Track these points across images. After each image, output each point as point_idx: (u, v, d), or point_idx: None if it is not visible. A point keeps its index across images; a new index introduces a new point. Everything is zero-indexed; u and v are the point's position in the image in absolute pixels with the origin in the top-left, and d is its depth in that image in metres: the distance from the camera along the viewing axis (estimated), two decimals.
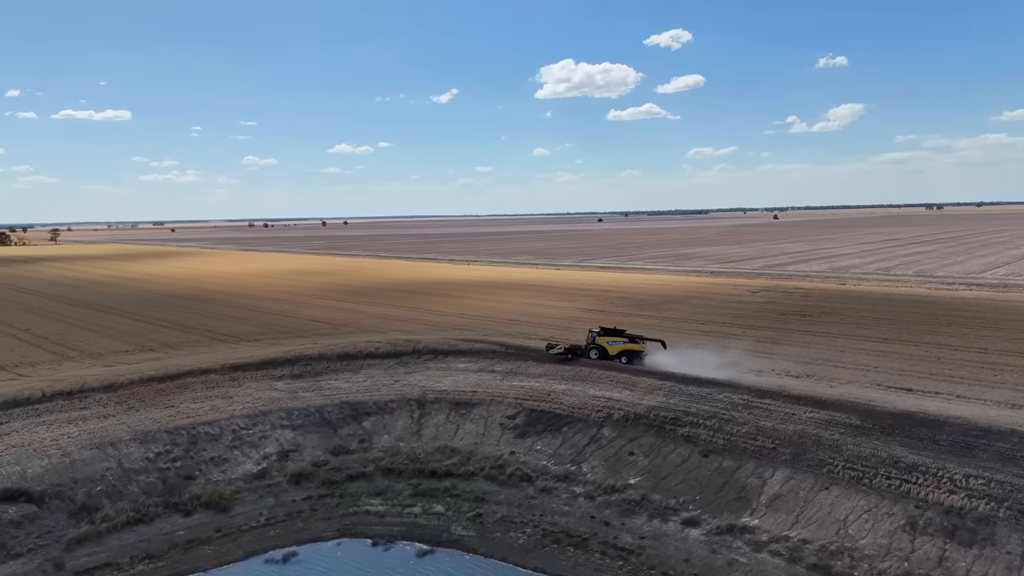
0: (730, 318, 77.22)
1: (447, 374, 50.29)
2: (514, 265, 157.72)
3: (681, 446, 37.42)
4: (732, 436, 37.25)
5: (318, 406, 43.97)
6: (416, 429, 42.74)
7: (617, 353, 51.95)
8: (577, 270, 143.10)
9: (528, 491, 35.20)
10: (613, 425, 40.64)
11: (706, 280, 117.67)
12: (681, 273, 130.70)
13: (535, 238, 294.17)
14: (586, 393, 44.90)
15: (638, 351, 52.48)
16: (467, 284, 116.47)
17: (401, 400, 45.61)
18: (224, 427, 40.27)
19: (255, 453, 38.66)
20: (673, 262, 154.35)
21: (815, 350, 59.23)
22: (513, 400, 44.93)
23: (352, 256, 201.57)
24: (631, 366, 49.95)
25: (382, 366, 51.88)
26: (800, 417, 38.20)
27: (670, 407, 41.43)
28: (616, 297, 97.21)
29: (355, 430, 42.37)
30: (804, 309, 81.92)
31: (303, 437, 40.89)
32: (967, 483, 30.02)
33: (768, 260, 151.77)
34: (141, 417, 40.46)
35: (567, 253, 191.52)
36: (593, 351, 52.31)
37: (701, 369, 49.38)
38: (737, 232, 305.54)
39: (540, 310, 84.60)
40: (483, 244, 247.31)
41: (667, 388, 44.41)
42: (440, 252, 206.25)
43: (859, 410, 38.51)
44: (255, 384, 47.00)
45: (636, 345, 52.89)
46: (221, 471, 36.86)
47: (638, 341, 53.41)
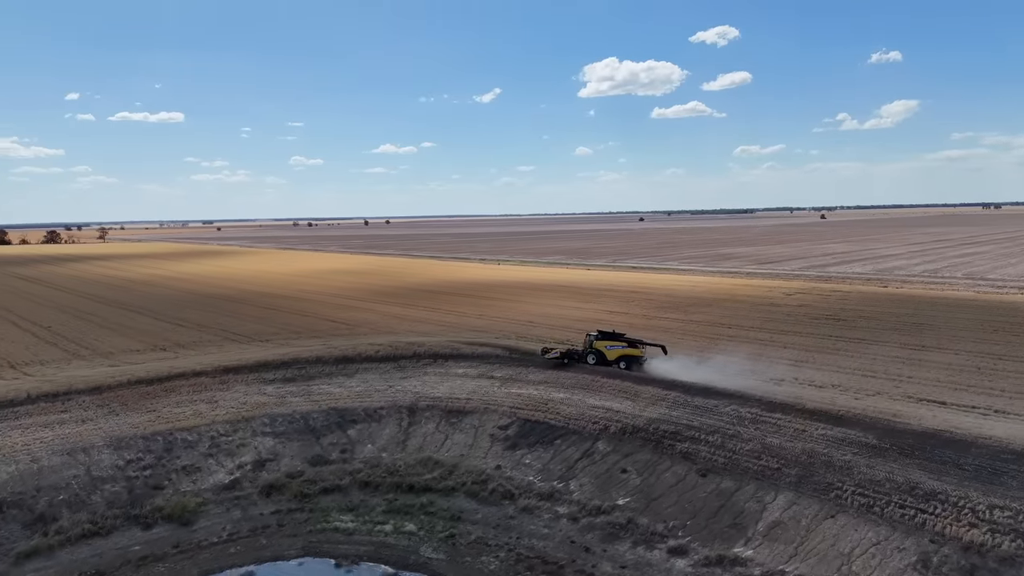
0: (759, 322, 73.52)
1: (444, 379, 48.08)
2: (544, 265, 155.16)
3: (678, 464, 34.48)
4: (734, 454, 34.15)
5: (304, 412, 42.19)
6: (403, 439, 40.64)
7: (616, 358, 49.69)
8: (608, 270, 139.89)
9: (508, 510, 32.72)
10: (609, 439, 37.87)
11: (740, 282, 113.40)
12: (716, 274, 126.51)
13: (571, 238, 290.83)
14: (585, 403, 42.20)
15: (637, 356, 50.02)
16: (492, 285, 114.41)
17: (391, 407, 43.58)
18: (203, 433, 38.76)
19: (230, 462, 37.05)
20: (709, 263, 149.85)
21: (845, 357, 55.49)
22: (508, 409, 42.51)
23: (385, 255, 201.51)
24: (638, 374, 47.02)
25: (379, 370, 49.90)
26: (811, 434, 34.89)
27: (672, 420, 38.46)
28: (642, 299, 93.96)
29: (339, 439, 40.47)
30: (839, 313, 77.65)
31: (283, 445, 39.15)
32: (991, 515, 26.49)
33: (809, 261, 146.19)
34: (119, 422, 39.18)
35: (601, 253, 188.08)
36: (591, 356, 50.10)
37: (715, 377, 46.33)
38: (781, 232, 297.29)
39: (561, 312, 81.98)
40: (517, 244, 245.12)
41: (671, 399, 41.41)
42: (472, 252, 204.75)
43: (878, 427, 35.02)
44: (244, 388, 45.49)
45: (635, 350, 50.42)
46: (191, 481, 35.30)
47: (637, 346, 51.00)
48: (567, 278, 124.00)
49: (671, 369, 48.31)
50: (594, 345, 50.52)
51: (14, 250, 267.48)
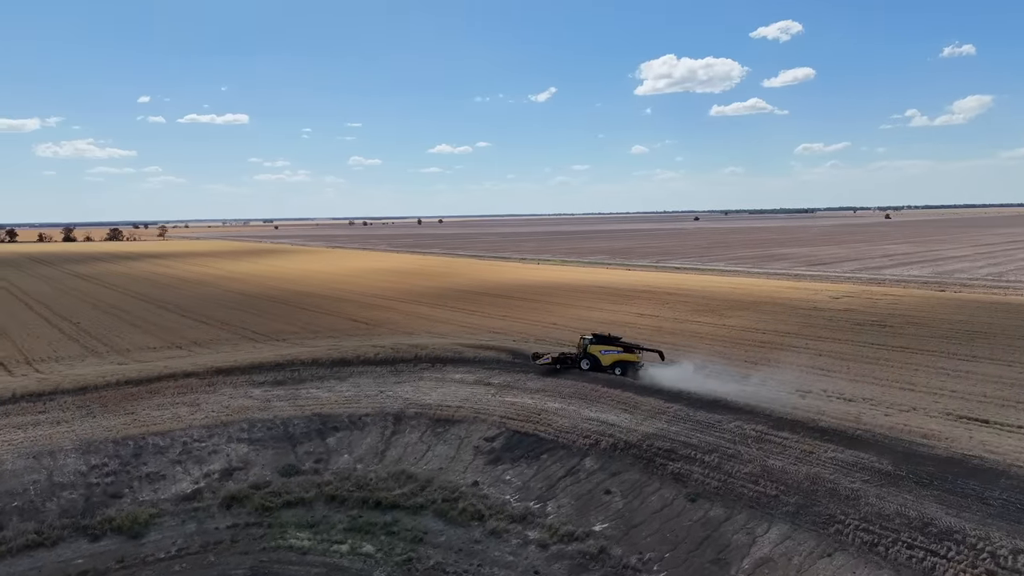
0: (796, 327, 68.96)
1: (439, 385, 45.68)
2: (585, 265, 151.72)
3: (667, 486, 31.19)
4: (730, 477, 30.66)
5: (285, 418, 40.30)
6: (382, 449, 38.35)
7: (611, 363, 47.22)
8: (649, 271, 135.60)
9: (475, 533, 30.01)
10: (598, 455, 34.79)
11: (786, 284, 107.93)
12: (762, 276, 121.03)
13: (619, 237, 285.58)
14: (580, 414, 39.18)
15: (633, 362, 47.45)
16: (524, 285, 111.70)
17: (378, 414, 41.38)
18: (176, 438, 37.27)
19: (197, 470, 35.43)
20: (757, 264, 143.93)
21: (884, 367, 50.99)
22: (498, 419, 39.80)
23: (428, 255, 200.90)
24: (643, 383, 43.66)
25: (373, 374, 47.82)
26: (819, 457, 31.12)
27: (668, 436, 35.12)
28: (678, 301, 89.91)
29: (316, 447, 38.45)
30: (886, 319, 72.30)
31: (256, 453, 37.34)
32: (1014, 562, 22.55)
33: (864, 263, 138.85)
34: (94, 424, 37.99)
35: (646, 253, 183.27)
36: (584, 361, 47.55)
37: (731, 388, 42.83)
38: (840, 232, 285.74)
39: (588, 313, 78.84)
40: (562, 243, 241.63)
41: (672, 412, 38.02)
42: (516, 251, 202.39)
43: (897, 451, 31.02)
44: (231, 391, 43.98)
45: (631, 355, 47.82)
46: (152, 489, 33.74)
47: (634, 351, 48.36)
48: (604, 279, 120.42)
49: (684, 377, 44.98)
50: (588, 349, 48.00)
51: (77, 247, 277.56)
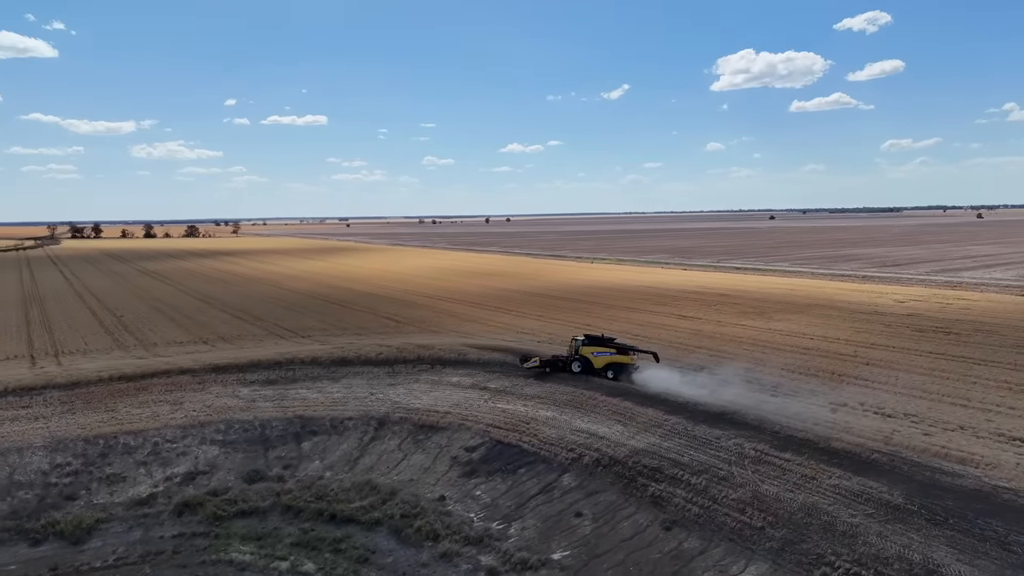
0: (849, 332, 63.40)
1: (433, 388, 43.23)
2: (640, 264, 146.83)
3: (644, 511, 27.68)
4: (715, 503, 26.93)
5: (265, 420, 38.60)
6: (357, 456, 36.10)
7: (603, 366, 44.59)
8: (706, 271, 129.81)
9: (425, 555, 27.26)
10: (579, 472, 31.51)
11: (849, 286, 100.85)
12: (825, 277, 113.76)
13: (685, 236, 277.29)
14: (570, 425, 35.92)
15: (626, 364, 44.75)
16: (569, 285, 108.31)
17: (361, 418, 39.23)
18: (148, 438, 36.03)
19: (161, 472, 34.04)
20: (825, 264, 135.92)
21: (938, 379, 45.66)
22: (484, 427, 37.00)
23: (485, 252, 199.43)
24: (648, 392, 39.88)
25: (369, 375, 45.75)
26: (820, 483, 27.00)
27: (658, 453, 31.53)
28: (728, 303, 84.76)
29: (289, 452, 36.56)
30: (953, 325, 65.70)
31: (226, 456, 35.73)
32: None
33: (942, 264, 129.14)
34: (71, 421, 37.21)
35: (709, 252, 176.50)
36: (576, 363, 45.00)
37: (748, 399, 38.87)
38: (923, 232, 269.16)
39: (628, 315, 74.94)
40: (623, 241, 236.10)
41: (670, 425, 34.30)
42: (572, 250, 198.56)
43: (914, 480, 26.60)
44: (220, 389, 42.69)
45: (624, 357, 45.01)
46: (109, 492, 32.47)
47: (628, 353, 45.38)
48: (654, 279, 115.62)
49: (701, 384, 41.33)
50: (580, 351, 45.33)
51: (154, 243, 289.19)
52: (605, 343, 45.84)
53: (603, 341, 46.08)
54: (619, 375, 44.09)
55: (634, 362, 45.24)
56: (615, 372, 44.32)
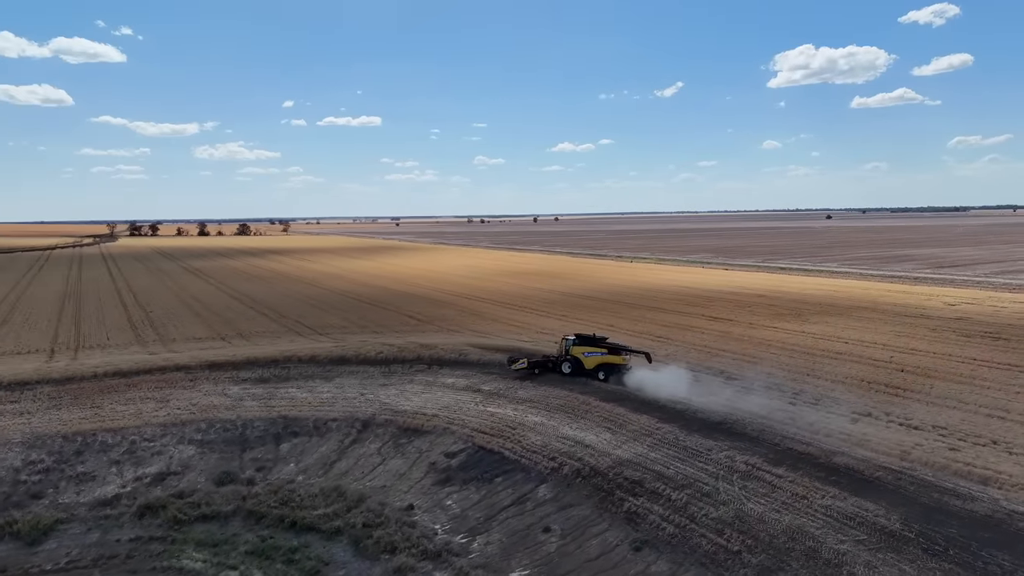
0: (889, 336, 59.49)
1: (426, 390, 41.49)
2: (681, 264, 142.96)
3: (616, 527, 25.30)
4: (692, 522, 24.41)
5: (247, 419, 37.40)
6: (334, 460, 34.56)
7: (594, 367, 42.87)
8: (748, 271, 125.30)
9: (379, 569, 25.28)
10: (557, 483, 29.30)
11: (899, 287, 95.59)
12: (874, 278, 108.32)
13: (734, 235, 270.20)
14: (557, 432, 33.69)
15: (618, 365, 42.89)
16: (604, 284, 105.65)
17: (346, 420, 37.75)
18: (127, 436, 35.24)
19: (132, 472, 33.14)
20: (876, 265, 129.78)
21: (977, 389, 42.08)
22: (469, 432, 35.03)
23: (525, 251, 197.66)
24: (645, 397, 37.39)
25: (364, 374, 44.33)
26: (811, 503, 24.23)
27: (643, 464, 29.10)
28: (764, 304, 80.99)
29: (266, 453, 35.27)
30: (1004, 330, 61.07)
31: (201, 457, 34.64)
32: None
33: (1003, 266, 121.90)
34: (53, 417, 36.71)
35: (754, 252, 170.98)
36: (566, 364, 43.44)
37: (756, 405, 36.32)
38: (988, 232, 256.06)
39: (655, 315, 72.25)
40: (668, 240, 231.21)
41: (661, 434, 31.79)
42: (615, 249, 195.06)
43: (918, 502, 23.64)
44: (210, 387, 41.82)
45: (616, 358, 43.14)
46: (76, 491, 31.63)
47: (621, 353, 43.67)
48: (692, 279, 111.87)
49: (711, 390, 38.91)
50: (571, 351, 43.61)
51: (206, 241, 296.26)
52: (596, 343, 43.92)
53: (594, 341, 44.16)
54: (610, 376, 42.32)
55: (626, 362, 43.33)
56: (606, 373, 42.58)
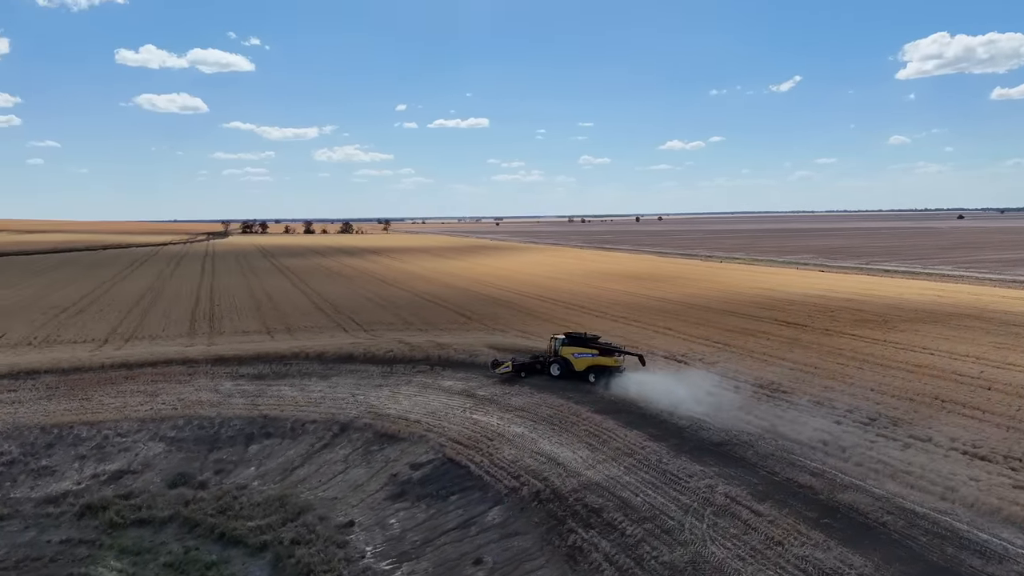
0: (987, 348, 51.82)
1: (419, 392, 38.55)
2: (776, 264, 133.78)
3: (552, 566, 21.09)
4: (638, 565, 19.81)
5: (226, 417, 35.51)
6: (297, 465, 32.06)
7: (584, 369, 39.78)
8: (847, 273, 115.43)
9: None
10: (511, 506, 25.50)
11: (1016, 294, 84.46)
12: (992, 283, 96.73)
13: (842, 235, 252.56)
14: (534, 446, 29.81)
15: (610, 367, 39.52)
16: (677, 287, 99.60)
17: (325, 422, 35.33)
18: (102, 430, 34.24)
19: (92, 468, 31.89)
20: (997, 269, 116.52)
21: None
22: (444, 442, 31.61)
23: (614, 251, 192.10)
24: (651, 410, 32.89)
25: (363, 374, 41.96)
26: (786, 551, 19.23)
27: (611, 489, 24.85)
28: (850, 309, 73.11)
29: (232, 454, 33.30)
30: None
31: (166, 455, 33.09)
32: None
33: None
34: (40, 408, 36.10)
35: (861, 253, 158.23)
36: (555, 365, 40.52)
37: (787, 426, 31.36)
38: None
39: (726, 319, 66.37)
40: (769, 240, 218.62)
41: (644, 454, 27.32)
42: (709, 248, 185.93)
43: (923, 560, 18.39)
44: (205, 382, 40.61)
45: (608, 359, 39.76)
46: (30, 486, 30.50)
47: (613, 355, 40.17)
48: (779, 280, 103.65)
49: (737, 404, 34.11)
50: (560, 352, 40.52)
51: (308, 239, 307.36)
52: (587, 343, 40.31)
53: (585, 340, 40.59)
54: (599, 379, 38.84)
55: (619, 365, 39.80)
56: (597, 375, 39.12)
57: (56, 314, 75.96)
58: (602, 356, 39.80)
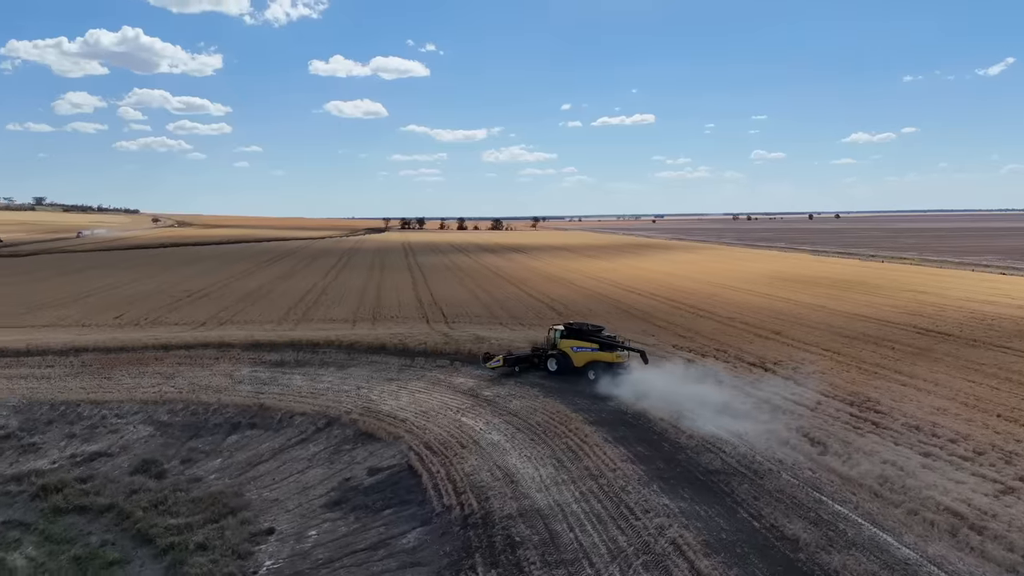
0: None
1: (426, 388, 35.03)
2: (950, 267, 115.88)
3: None
4: None
5: (223, 404, 33.74)
6: (265, 459, 29.14)
7: (584, 364, 36.07)
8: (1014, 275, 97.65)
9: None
10: (435, 528, 20.81)
11: None
12: None
13: None
14: (500, 460, 25.04)
15: (611, 363, 35.60)
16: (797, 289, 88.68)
17: (315, 415, 32.48)
18: (103, 410, 33.62)
19: (73, 448, 30.90)
20: None
21: None
22: (415, 445, 27.57)
23: (764, 249, 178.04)
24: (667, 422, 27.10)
25: (383, 365, 39.36)
26: None
27: (547, 519, 19.69)
28: (982, 317, 60.11)
29: (209, 444, 31.22)
30: None
31: (148, 440, 31.52)
32: None
33: None
34: (61, 385, 36.49)
35: None
36: (551, 359, 36.87)
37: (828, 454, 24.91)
38: None
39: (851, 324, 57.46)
40: (952, 240, 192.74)
41: (610, 479, 21.97)
42: (876, 248, 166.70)
43: None
44: (225, 366, 39.35)
45: (608, 355, 35.78)
46: (9, 463, 29.45)
47: (616, 350, 36.14)
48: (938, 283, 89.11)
49: (811, 428, 27.58)
50: (559, 345, 36.86)
51: (456, 236, 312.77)
52: (588, 335, 36.57)
53: (586, 333, 36.82)
54: (603, 376, 34.86)
55: (622, 361, 35.92)
56: (597, 372, 35.35)
57: (179, 299, 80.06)
58: (603, 351, 35.69)
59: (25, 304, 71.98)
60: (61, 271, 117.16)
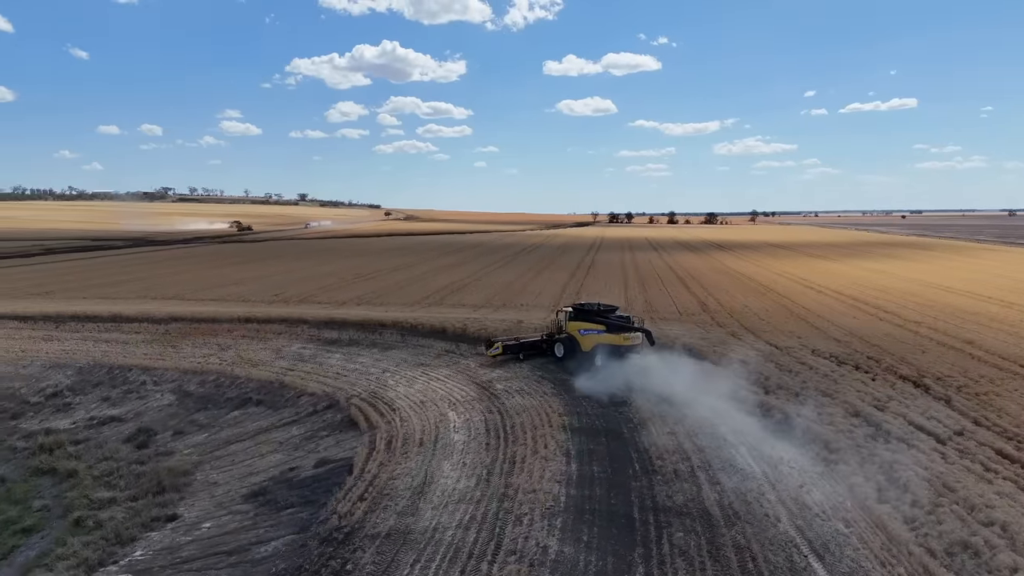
0: None
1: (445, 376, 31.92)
2: None
3: None
4: None
5: (245, 379, 33.22)
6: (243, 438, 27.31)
7: (591, 348, 33.29)
8: None
9: None
10: (309, 537, 17.37)
11: None
12: None
13: None
14: (436, 466, 21.09)
15: (619, 346, 32.46)
16: None
17: (321, 397, 30.37)
18: (144, 376, 34.25)
19: (96, 411, 31.32)
20: None
21: None
22: (379, 439, 24.61)
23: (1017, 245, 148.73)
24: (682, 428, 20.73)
25: (425, 349, 37.22)
26: None
27: None
28: None
29: (210, 418, 30.00)
30: None
31: (162, 409, 31.15)
32: None
33: None
34: (130, 351, 38.10)
35: None
36: (559, 345, 34.23)
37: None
38: None
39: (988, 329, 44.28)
40: None
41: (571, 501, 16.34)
42: None
43: None
44: (280, 342, 38.68)
45: (614, 337, 32.65)
46: (39, 420, 30.89)
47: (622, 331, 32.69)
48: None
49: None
50: (566, 328, 34.32)
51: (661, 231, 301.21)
52: (597, 316, 33.64)
53: (595, 313, 33.95)
54: (608, 361, 31.79)
55: (629, 343, 32.84)
56: (604, 356, 32.35)
57: (344, 281, 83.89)
58: (608, 333, 32.76)
59: (205, 282, 79.03)
60: (262, 256, 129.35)
